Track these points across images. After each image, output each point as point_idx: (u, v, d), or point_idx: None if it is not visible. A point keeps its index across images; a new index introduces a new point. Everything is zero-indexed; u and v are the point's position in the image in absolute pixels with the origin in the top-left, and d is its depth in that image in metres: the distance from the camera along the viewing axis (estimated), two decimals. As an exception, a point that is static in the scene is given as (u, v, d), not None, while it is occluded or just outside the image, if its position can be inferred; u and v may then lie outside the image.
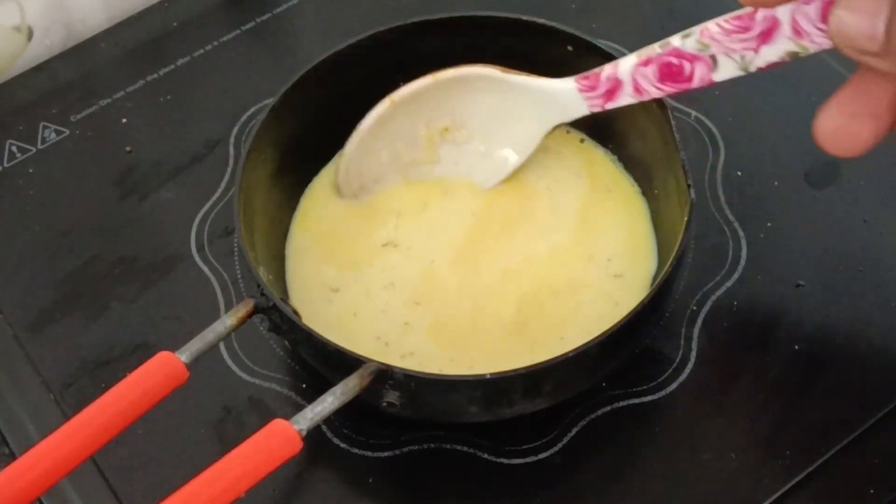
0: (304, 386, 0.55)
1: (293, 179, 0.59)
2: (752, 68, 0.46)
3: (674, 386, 0.54)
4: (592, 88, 0.52)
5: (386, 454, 0.53)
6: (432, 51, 0.59)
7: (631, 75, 0.50)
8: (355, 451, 0.53)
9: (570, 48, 0.57)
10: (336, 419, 0.53)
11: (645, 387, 0.54)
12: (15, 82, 0.69)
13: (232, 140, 0.64)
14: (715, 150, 0.61)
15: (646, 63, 0.49)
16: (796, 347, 0.55)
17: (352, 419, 0.53)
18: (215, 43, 0.68)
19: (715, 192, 0.60)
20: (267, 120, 0.55)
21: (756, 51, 0.46)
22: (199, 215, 0.61)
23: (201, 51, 0.68)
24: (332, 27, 0.69)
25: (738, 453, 0.52)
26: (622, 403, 0.54)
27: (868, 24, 0.39)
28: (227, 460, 0.43)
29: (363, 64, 0.58)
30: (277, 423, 0.44)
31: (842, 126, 0.44)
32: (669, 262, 0.50)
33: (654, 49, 0.49)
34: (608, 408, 0.53)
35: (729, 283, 0.57)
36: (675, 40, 0.48)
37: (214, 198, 0.62)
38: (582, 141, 0.60)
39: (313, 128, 0.58)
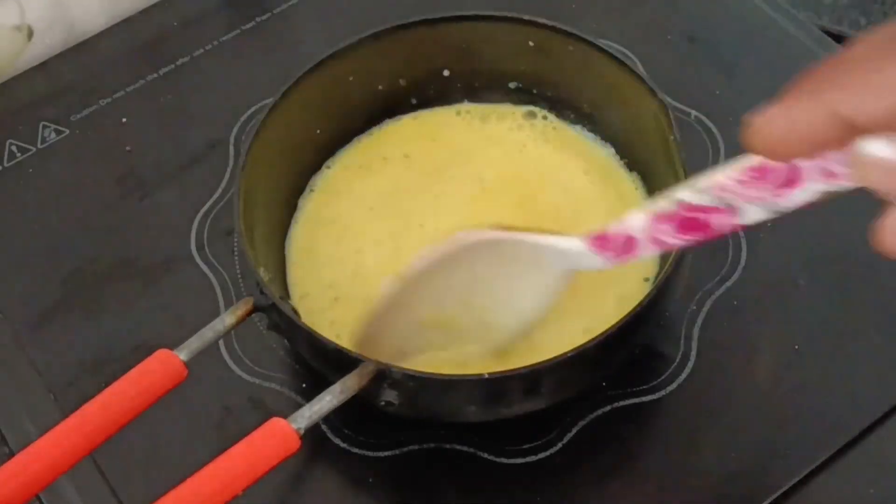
0: (303, 385, 0.55)
1: (293, 179, 0.58)
2: (784, 210, 0.40)
3: (674, 386, 0.54)
4: (606, 248, 0.46)
5: (386, 454, 0.53)
6: (432, 50, 0.59)
7: (646, 233, 0.44)
8: (355, 450, 0.53)
9: (570, 48, 0.57)
10: (336, 419, 0.53)
11: (645, 387, 0.54)
12: (15, 82, 0.69)
13: (232, 140, 0.64)
14: (715, 150, 0.61)
15: (660, 220, 0.43)
16: (796, 347, 0.55)
17: (352, 419, 0.53)
18: (215, 43, 0.68)
19: (715, 192, 0.60)
20: (267, 120, 0.55)
21: (782, 196, 0.39)
22: (199, 215, 0.61)
23: (201, 51, 0.68)
24: (332, 27, 0.69)
25: (738, 453, 0.52)
26: (622, 403, 0.54)
27: (887, 176, 0.35)
28: (225, 458, 0.43)
29: (363, 64, 0.58)
30: (276, 422, 0.44)
31: None
32: (669, 262, 0.50)
33: (664, 204, 0.43)
34: (608, 408, 0.53)
35: (729, 283, 0.57)
36: (686, 195, 0.42)
37: (214, 198, 0.62)
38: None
39: (313, 128, 0.58)
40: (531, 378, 0.48)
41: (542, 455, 0.52)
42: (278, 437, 0.44)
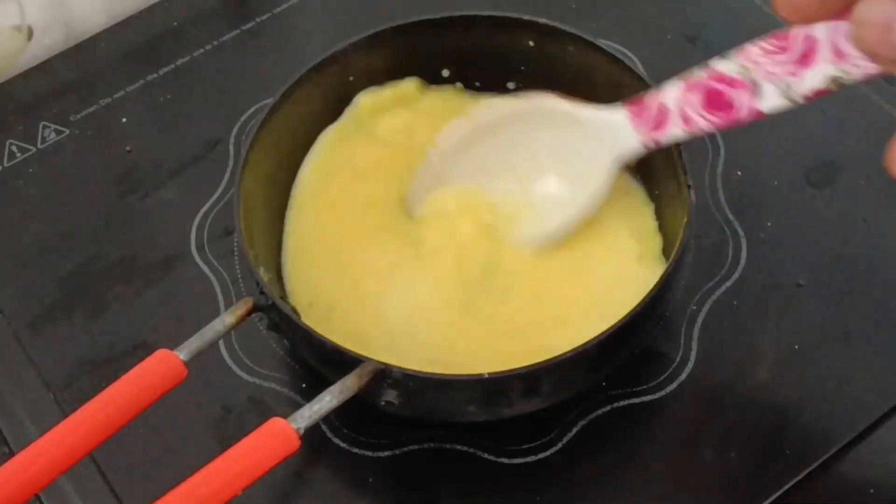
0: (303, 385, 0.55)
1: (293, 179, 0.58)
2: (798, 97, 0.43)
3: (674, 386, 0.54)
4: (640, 115, 0.50)
5: (386, 454, 0.53)
6: (432, 50, 0.59)
7: (677, 104, 0.48)
8: (355, 450, 0.53)
9: (570, 48, 0.57)
10: (336, 419, 0.53)
11: (645, 387, 0.54)
12: (15, 82, 0.69)
13: (232, 140, 0.64)
14: (715, 150, 0.61)
15: (690, 89, 0.47)
16: (796, 347, 0.55)
17: (352, 419, 0.53)
18: (215, 43, 0.69)
19: (715, 192, 0.60)
20: (267, 120, 0.55)
21: (797, 75, 0.43)
22: (199, 215, 0.61)
23: (201, 51, 0.68)
24: (332, 27, 0.69)
25: (738, 453, 0.52)
26: (622, 403, 0.54)
27: (882, 33, 0.37)
28: (225, 458, 0.43)
29: (363, 64, 0.58)
30: (275, 422, 0.44)
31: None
32: (669, 263, 0.50)
33: (697, 73, 0.47)
34: (608, 408, 0.53)
35: (729, 283, 0.57)
36: (717, 63, 0.46)
37: (214, 198, 0.62)
38: None
39: (313, 127, 0.58)
40: (531, 378, 0.48)
41: (542, 455, 0.52)
42: (278, 437, 0.44)
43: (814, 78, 0.42)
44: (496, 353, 0.52)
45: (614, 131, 0.51)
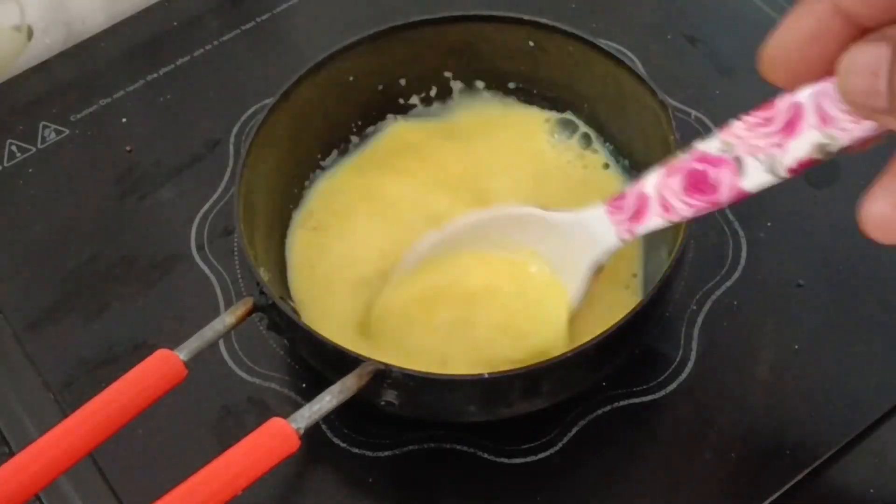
0: (303, 385, 0.55)
1: (293, 179, 0.58)
2: (782, 171, 0.41)
3: (674, 386, 0.54)
4: (620, 209, 0.49)
5: (386, 454, 0.53)
6: (432, 50, 0.59)
7: (656, 189, 0.46)
8: (355, 450, 0.53)
9: (570, 48, 0.57)
10: (336, 419, 0.53)
11: (645, 387, 0.54)
12: (15, 82, 0.69)
13: (232, 140, 0.64)
14: (715, 150, 0.61)
15: (670, 173, 0.46)
16: (796, 347, 0.55)
17: (352, 419, 0.53)
18: (215, 43, 0.69)
19: (715, 192, 0.60)
20: (267, 120, 0.55)
21: (782, 147, 0.41)
22: (199, 215, 0.61)
23: (201, 51, 0.68)
24: (332, 27, 0.69)
25: (738, 453, 0.52)
26: (622, 403, 0.54)
27: (869, 81, 0.36)
28: (225, 458, 0.43)
29: (363, 63, 0.58)
30: (275, 422, 0.44)
31: (891, 217, 0.38)
32: (669, 263, 0.50)
33: (679, 157, 0.45)
34: (608, 408, 0.53)
35: (729, 283, 0.57)
36: (700, 144, 0.44)
37: (214, 198, 0.62)
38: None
39: (313, 127, 0.58)
40: (531, 378, 0.48)
41: (542, 455, 0.52)
42: (278, 437, 0.44)
43: (799, 147, 0.40)
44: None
45: (591, 232, 0.50)
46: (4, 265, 0.61)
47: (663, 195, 0.46)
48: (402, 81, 0.60)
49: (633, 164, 0.58)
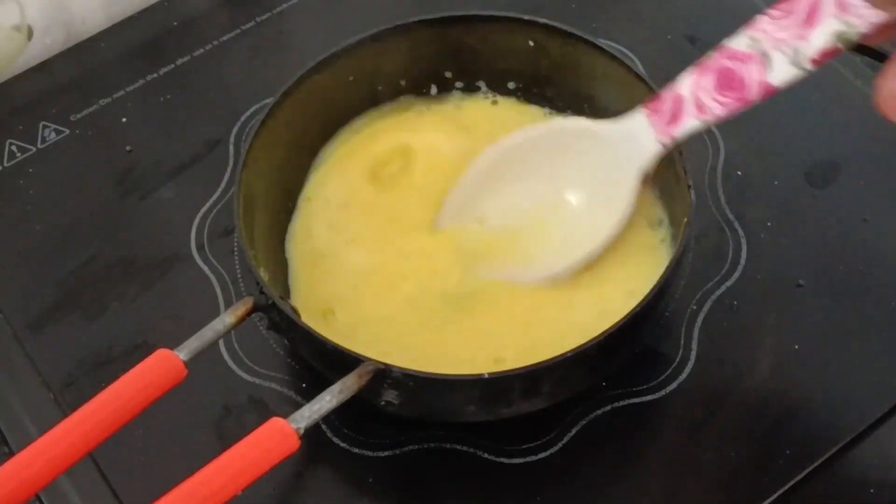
0: (303, 385, 0.55)
1: (293, 179, 0.58)
2: (807, 63, 0.44)
3: (674, 386, 0.54)
4: (657, 112, 0.50)
5: (386, 454, 0.53)
6: (432, 50, 0.59)
7: (691, 90, 0.48)
8: (355, 450, 0.53)
9: (570, 48, 0.57)
10: (336, 419, 0.53)
11: (645, 387, 0.54)
12: (15, 82, 0.69)
13: (232, 140, 0.64)
14: (715, 150, 0.61)
15: (702, 72, 0.48)
16: (796, 347, 0.55)
17: (352, 419, 0.53)
18: (215, 43, 0.69)
19: (715, 192, 0.60)
20: (267, 120, 0.55)
21: (805, 38, 0.43)
22: (199, 215, 0.61)
23: (201, 51, 0.68)
24: (332, 27, 0.69)
25: (738, 453, 0.52)
26: (622, 403, 0.54)
27: None
28: (225, 458, 0.43)
29: (363, 63, 0.58)
30: (275, 422, 0.44)
31: None
32: (669, 263, 0.50)
33: (710, 55, 0.47)
34: (608, 408, 0.53)
35: (729, 283, 0.57)
36: (728, 41, 0.46)
37: (214, 198, 0.62)
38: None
39: (313, 127, 0.58)
40: (531, 378, 0.48)
41: (542, 455, 0.52)
42: (278, 436, 0.44)
43: (820, 37, 0.43)
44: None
45: (634, 140, 0.52)
46: (4, 265, 0.61)
47: (697, 95, 0.48)
48: (402, 81, 0.60)
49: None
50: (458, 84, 0.61)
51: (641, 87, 0.54)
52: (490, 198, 0.56)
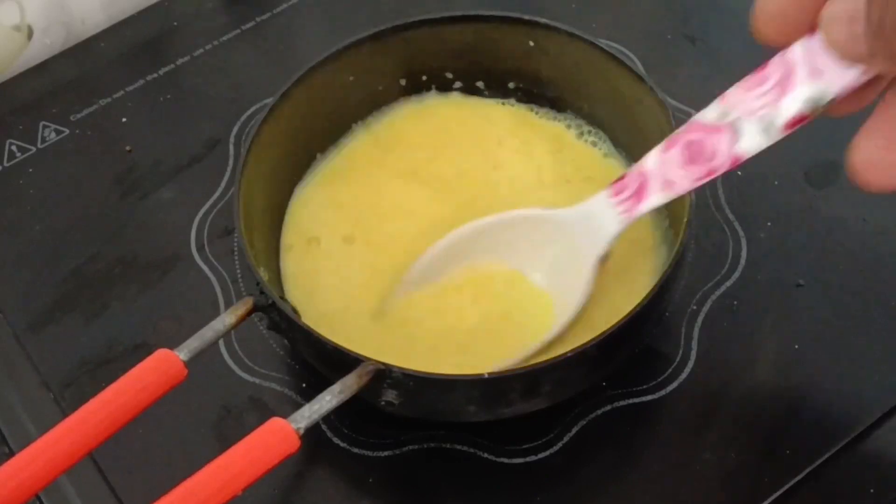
0: (303, 385, 0.55)
1: (293, 179, 0.58)
2: (777, 130, 0.43)
3: (674, 386, 0.54)
4: (621, 191, 0.49)
5: (386, 454, 0.53)
6: (432, 50, 0.59)
7: (657, 166, 0.47)
8: (355, 450, 0.53)
9: (570, 48, 0.57)
10: (336, 418, 0.53)
11: (645, 387, 0.54)
12: (15, 82, 0.69)
13: (232, 140, 0.64)
14: (715, 150, 0.61)
15: (668, 147, 0.46)
16: (796, 347, 0.55)
17: (352, 418, 0.53)
18: (215, 43, 0.69)
19: (715, 192, 0.60)
20: (267, 120, 0.55)
21: (776, 104, 0.42)
22: (199, 215, 0.61)
23: (201, 51, 0.68)
24: (332, 27, 0.69)
25: (738, 453, 0.52)
26: (622, 403, 0.54)
27: (848, 28, 0.38)
28: (225, 458, 0.43)
29: (363, 64, 0.58)
30: (275, 422, 0.44)
31: (878, 159, 0.39)
32: (669, 262, 0.50)
33: (676, 131, 0.46)
34: (608, 407, 0.53)
35: (729, 283, 0.57)
36: (697, 115, 0.45)
37: (214, 198, 0.62)
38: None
39: (313, 128, 0.58)
40: (531, 378, 0.48)
41: (542, 455, 0.52)
42: (278, 437, 0.44)
43: (793, 103, 0.42)
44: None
45: (593, 222, 0.51)
46: (4, 265, 0.61)
47: (663, 170, 0.47)
48: (403, 81, 0.60)
49: (633, 163, 0.58)
50: (458, 84, 0.61)
51: (641, 88, 0.54)
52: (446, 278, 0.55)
